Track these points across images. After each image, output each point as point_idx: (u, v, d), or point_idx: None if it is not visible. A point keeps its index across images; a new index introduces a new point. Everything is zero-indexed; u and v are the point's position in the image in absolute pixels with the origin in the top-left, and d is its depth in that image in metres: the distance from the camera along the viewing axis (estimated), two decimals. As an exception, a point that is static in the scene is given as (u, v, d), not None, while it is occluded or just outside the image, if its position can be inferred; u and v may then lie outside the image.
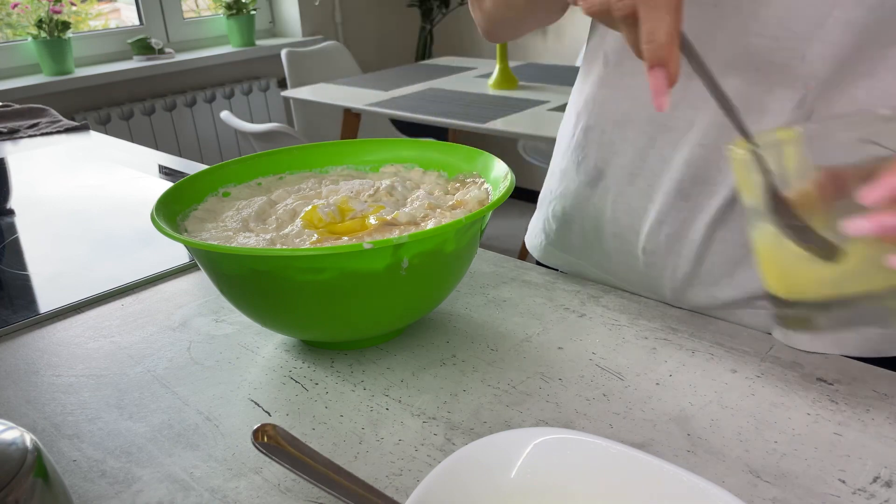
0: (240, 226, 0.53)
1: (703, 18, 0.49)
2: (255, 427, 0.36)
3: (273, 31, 3.04)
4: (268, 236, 0.50)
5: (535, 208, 0.71)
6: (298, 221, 0.52)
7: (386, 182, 0.57)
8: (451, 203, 0.54)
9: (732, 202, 0.52)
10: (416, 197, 0.55)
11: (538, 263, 0.70)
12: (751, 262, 0.53)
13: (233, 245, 0.49)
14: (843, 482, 0.38)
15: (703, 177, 0.53)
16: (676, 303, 0.59)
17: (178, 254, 0.71)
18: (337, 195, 0.55)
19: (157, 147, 2.25)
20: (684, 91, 0.48)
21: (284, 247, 0.48)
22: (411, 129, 2.82)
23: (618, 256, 0.61)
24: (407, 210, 0.52)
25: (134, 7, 2.59)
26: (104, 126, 2.40)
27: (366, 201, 0.54)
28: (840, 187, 0.36)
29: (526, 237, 0.73)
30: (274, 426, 0.37)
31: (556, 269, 0.68)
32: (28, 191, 0.97)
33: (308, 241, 0.49)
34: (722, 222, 0.53)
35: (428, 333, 0.55)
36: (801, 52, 0.46)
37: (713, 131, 0.51)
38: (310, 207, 0.53)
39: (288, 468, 0.35)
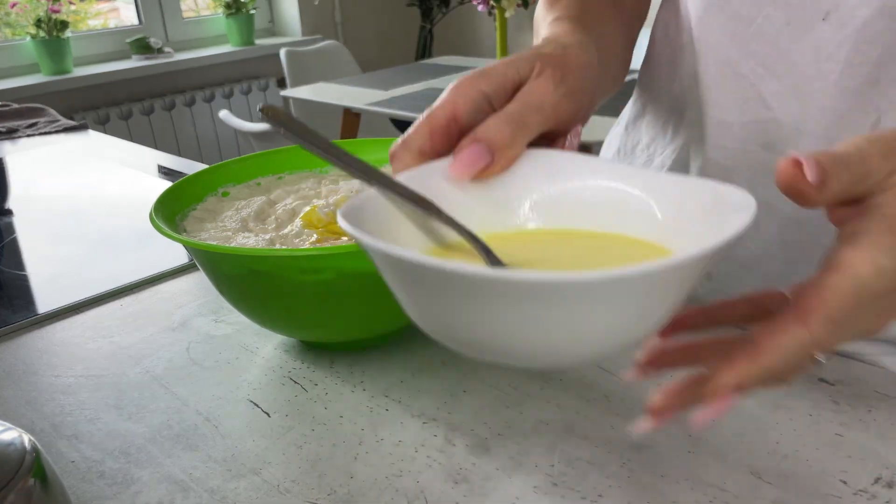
0: (239, 226, 0.52)
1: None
2: (261, 106, 0.35)
3: (272, 31, 3.04)
4: (267, 236, 0.50)
5: None
6: (298, 221, 0.52)
7: (386, 182, 0.57)
8: (451, 203, 0.54)
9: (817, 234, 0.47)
10: (416, 197, 0.55)
11: None
12: None
13: (232, 245, 0.49)
14: (845, 483, 0.38)
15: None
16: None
17: (177, 254, 0.70)
18: (337, 195, 0.55)
19: (156, 147, 2.24)
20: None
21: (284, 247, 0.48)
22: (411, 129, 2.81)
23: None
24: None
25: (133, 6, 2.59)
26: (103, 126, 2.40)
27: (365, 201, 0.54)
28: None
29: None
30: (283, 108, 0.36)
31: None
32: (27, 190, 0.97)
33: (308, 241, 0.49)
34: (798, 252, 0.49)
35: (428, 334, 0.55)
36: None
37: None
38: (309, 207, 0.53)
39: (297, 139, 0.34)
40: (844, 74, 0.44)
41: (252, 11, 2.75)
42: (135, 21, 2.61)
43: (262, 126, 2.06)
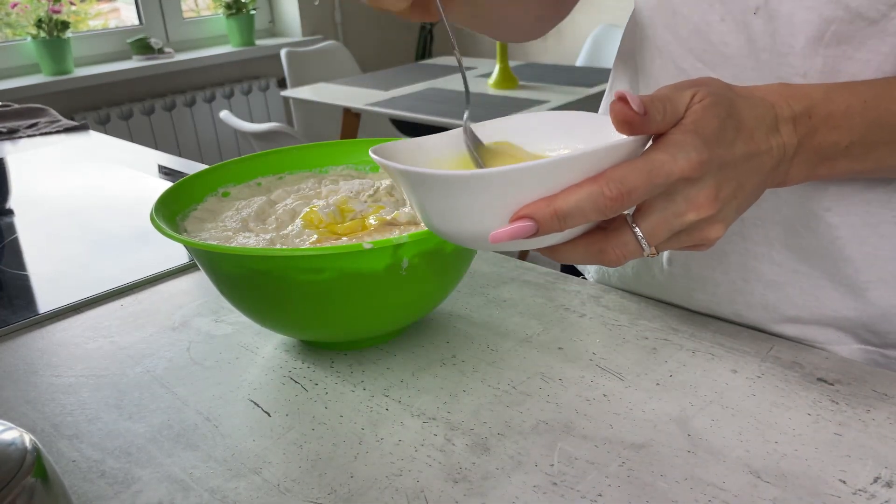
0: (239, 226, 0.52)
1: None
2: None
3: (273, 31, 3.04)
4: (267, 236, 0.50)
5: None
6: (298, 221, 0.52)
7: (386, 182, 0.57)
8: (450, 203, 0.54)
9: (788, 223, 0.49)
10: (415, 197, 0.55)
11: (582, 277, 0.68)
12: (802, 279, 0.50)
13: (232, 245, 0.49)
14: (844, 482, 0.38)
15: None
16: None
17: (177, 254, 0.70)
18: (337, 195, 0.55)
19: (156, 147, 2.24)
20: None
21: (284, 247, 0.48)
22: (411, 129, 2.82)
23: (638, 266, 0.58)
24: (407, 210, 0.52)
25: (133, 7, 2.59)
26: (104, 126, 2.40)
27: (366, 201, 0.54)
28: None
29: None
30: None
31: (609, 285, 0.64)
32: (27, 191, 0.97)
33: (308, 242, 0.49)
34: (758, 237, 0.50)
35: (428, 333, 0.55)
36: None
37: None
38: (309, 208, 0.53)
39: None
40: (777, 63, 0.46)
41: (252, 12, 2.75)
42: (135, 21, 2.61)
43: (262, 126, 2.06)
